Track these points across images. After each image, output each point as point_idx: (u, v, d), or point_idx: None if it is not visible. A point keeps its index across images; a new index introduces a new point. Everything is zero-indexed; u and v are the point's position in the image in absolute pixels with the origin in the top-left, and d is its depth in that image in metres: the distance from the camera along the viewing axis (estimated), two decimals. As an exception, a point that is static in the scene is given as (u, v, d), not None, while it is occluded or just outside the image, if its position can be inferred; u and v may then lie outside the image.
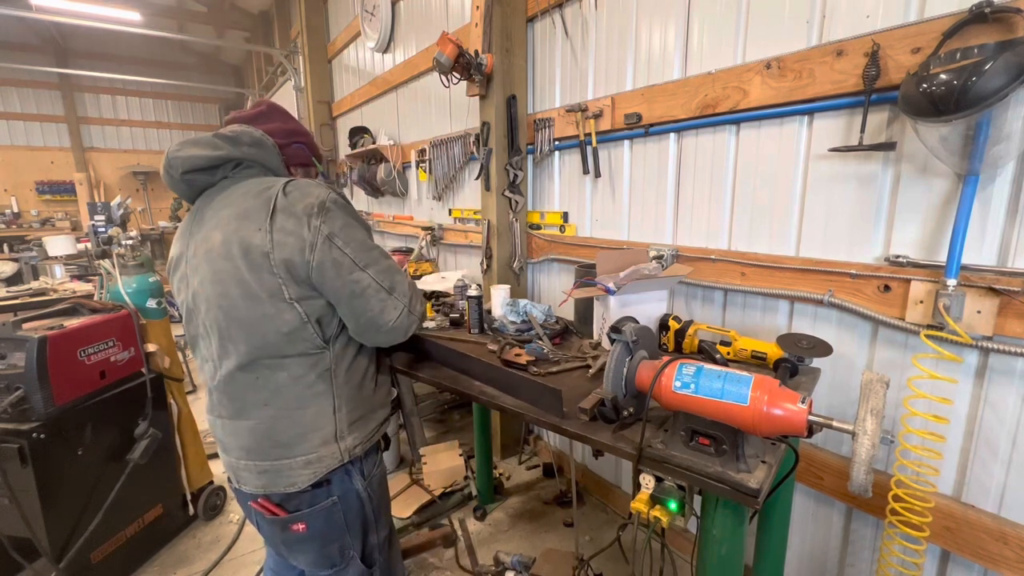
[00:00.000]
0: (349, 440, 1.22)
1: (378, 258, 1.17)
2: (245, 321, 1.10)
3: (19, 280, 5.88)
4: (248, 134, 1.19)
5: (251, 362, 1.12)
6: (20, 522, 1.81)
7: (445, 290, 2.89)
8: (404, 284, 1.21)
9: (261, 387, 1.14)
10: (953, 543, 1.42)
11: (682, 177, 2.06)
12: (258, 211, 1.09)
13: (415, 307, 1.24)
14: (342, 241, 1.11)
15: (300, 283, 1.10)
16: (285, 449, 1.16)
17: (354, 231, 1.14)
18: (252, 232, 1.07)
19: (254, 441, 1.17)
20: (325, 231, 1.09)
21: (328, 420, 1.19)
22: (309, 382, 1.16)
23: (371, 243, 1.18)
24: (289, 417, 1.16)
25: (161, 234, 8.74)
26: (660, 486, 1.07)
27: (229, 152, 1.16)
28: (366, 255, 1.14)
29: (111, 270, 2.41)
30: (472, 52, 2.58)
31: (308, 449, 1.17)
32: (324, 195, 1.12)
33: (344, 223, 1.13)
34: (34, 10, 5.58)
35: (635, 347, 1.19)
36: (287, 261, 1.07)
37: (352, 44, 5.19)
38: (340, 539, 1.25)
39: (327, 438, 1.19)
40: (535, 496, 2.82)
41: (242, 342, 1.11)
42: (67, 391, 1.95)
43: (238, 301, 1.09)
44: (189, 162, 1.14)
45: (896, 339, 1.52)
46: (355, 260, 1.12)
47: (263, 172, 1.22)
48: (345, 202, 1.17)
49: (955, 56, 1.16)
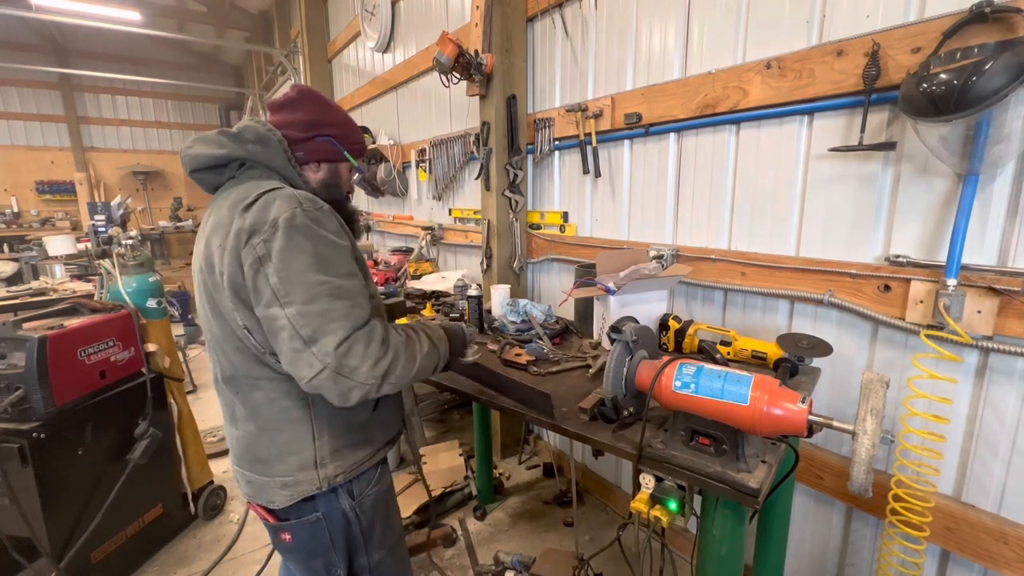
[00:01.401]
0: (330, 468, 1.13)
1: (317, 296, 0.93)
2: (218, 337, 1.08)
3: (19, 280, 5.87)
4: (253, 130, 1.10)
5: (231, 376, 1.10)
6: (20, 522, 1.81)
7: (445, 290, 2.89)
8: (336, 336, 0.92)
9: (242, 402, 1.11)
10: (953, 543, 1.42)
11: (682, 177, 2.06)
12: (225, 225, 1.01)
13: (357, 369, 0.93)
14: (273, 267, 0.94)
15: (250, 309, 1.00)
16: (265, 466, 1.13)
17: (295, 257, 0.94)
18: (215, 248, 1.01)
19: (241, 450, 1.16)
20: (260, 252, 0.94)
21: (306, 445, 1.11)
22: (284, 407, 1.09)
23: (316, 277, 0.95)
24: (268, 436, 1.11)
25: (161, 234, 8.74)
26: (660, 486, 1.08)
27: (231, 151, 1.09)
28: (295, 289, 0.93)
29: (111, 270, 2.41)
30: (472, 52, 2.58)
31: (285, 471, 1.11)
32: (284, 212, 0.96)
33: (286, 246, 0.94)
34: (34, 10, 5.57)
35: (635, 347, 1.19)
36: (233, 284, 0.99)
37: (352, 44, 5.19)
38: (325, 555, 1.19)
39: (304, 464, 1.11)
40: (535, 496, 2.82)
41: (221, 356, 1.10)
42: (67, 391, 1.95)
43: (210, 317, 1.07)
44: (195, 161, 1.10)
45: (896, 339, 1.52)
46: (276, 292, 0.93)
47: (266, 172, 1.12)
48: (310, 223, 0.98)
49: (955, 56, 1.16)
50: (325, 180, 1.23)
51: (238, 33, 8.67)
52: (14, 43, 8.44)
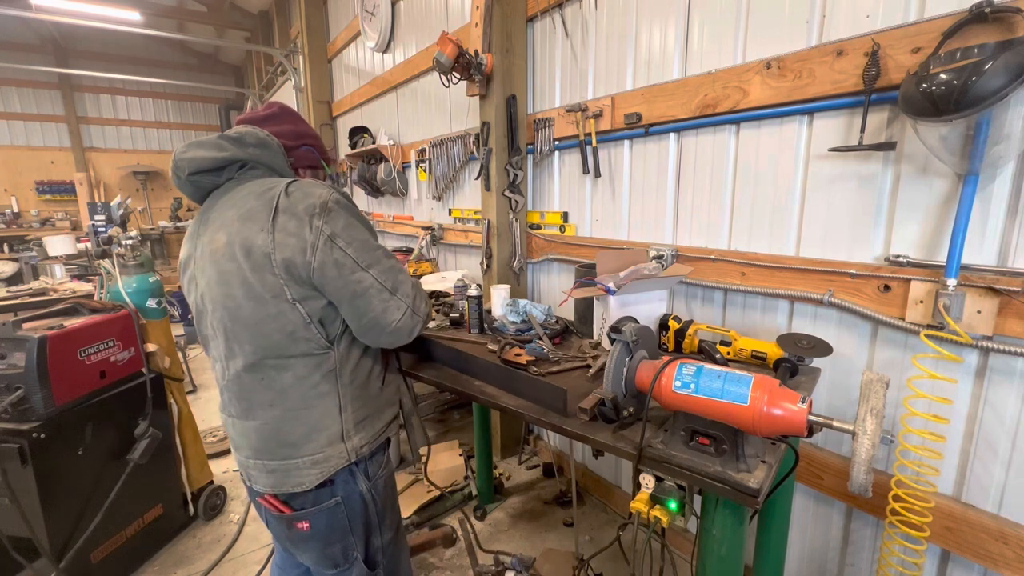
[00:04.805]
0: (356, 440, 1.22)
1: (381, 258, 1.15)
2: (250, 322, 1.10)
3: (19, 280, 5.87)
4: (253, 135, 1.19)
5: (256, 363, 1.13)
6: (20, 522, 1.81)
7: (445, 290, 2.89)
8: (407, 284, 1.19)
9: (266, 388, 1.14)
10: (953, 543, 1.42)
11: (682, 177, 2.06)
12: (261, 212, 1.08)
13: (419, 308, 1.21)
14: (344, 241, 1.09)
15: (302, 283, 1.09)
16: (292, 449, 1.17)
17: (356, 231, 1.13)
18: (255, 233, 1.07)
19: (262, 441, 1.18)
20: (327, 231, 1.08)
21: (334, 420, 1.18)
22: (314, 382, 1.16)
23: (374, 243, 1.17)
24: (295, 418, 1.16)
25: (161, 234, 8.74)
26: (660, 486, 1.07)
27: (233, 153, 1.15)
28: (368, 255, 1.13)
29: (111, 270, 2.41)
30: (472, 52, 2.58)
31: (315, 449, 1.17)
32: (327, 195, 1.11)
33: (346, 223, 1.11)
34: (34, 10, 5.58)
35: (635, 347, 1.19)
36: (288, 261, 1.06)
37: (352, 44, 5.19)
38: (343, 540, 1.24)
39: (333, 438, 1.18)
40: (535, 496, 2.82)
41: (247, 343, 1.12)
42: (67, 391, 1.95)
43: (242, 302, 1.09)
44: (195, 163, 1.15)
45: (896, 339, 1.52)
46: (357, 260, 1.11)
47: (268, 173, 1.21)
48: (348, 202, 1.16)
49: (955, 56, 1.16)
50: None
51: (238, 33, 8.67)
52: (14, 43, 8.44)
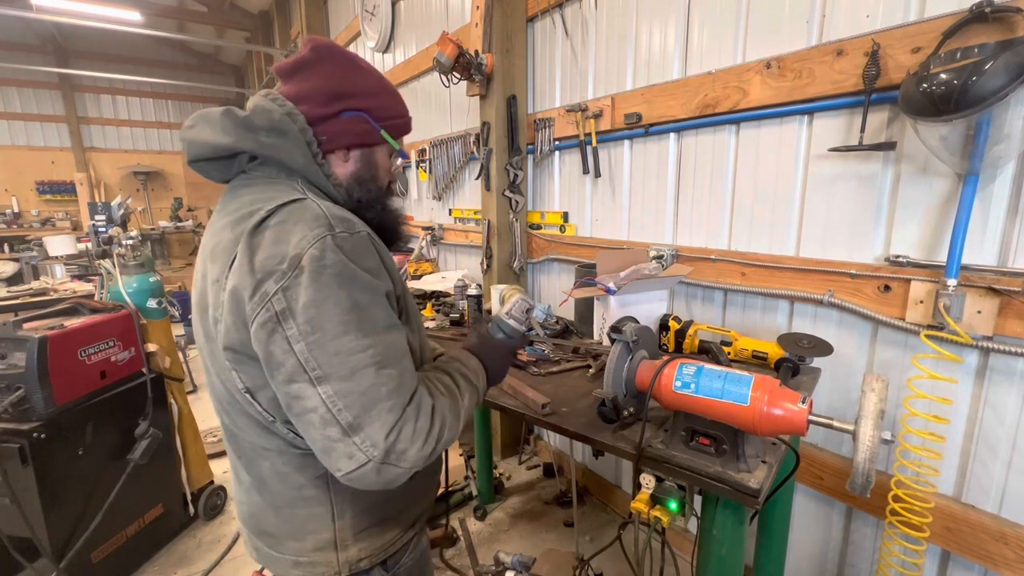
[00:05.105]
0: (353, 552, 0.92)
1: (354, 368, 0.70)
2: (217, 391, 0.87)
3: (19, 280, 5.87)
4: (266, 114, 0.82)
5: (232, 435, 0.91)
6: (21, 522, 1.81)
7: (445, 290, 2.89)
8: (385, 421, 0.71)
9: (246, 466, 0.92)
10: (953, 543, 1.42)
11: (682, 177, 2.06)
12: (224, 253, 0.77)
13: (406, 452, 0.72)
14: (297, 328, 0.70)
15: (254, 372, 0.77)
16: (274, 541, 0.94)
17: (327, 314, 0.70)
18: (211, 283, 0.79)
19: (246, 515, 0.98)
20: (278, 306, 0.70)
21: (323, 526, 0.90)
22: (297, 484, 0.88)
23: (356, 339, 0.71)
24: (277, 513, 0.91)
25: (162, 234, 8.73)
26: (660, 486, 1.07)
27: (237, 141, 0.81)
28: (328, 359, 0.70)
29: (111, 270, 2.41)
30: (472, 52, 2.58)
31: (298, 551, 0.91)
32: (309, 245, 0.71)
33: (315, 298, 0.70)
34: (34, 10, 5.57)
35: (635, 347, 1.19)
36: (230, 341, 0.76)
37: (352, 44, 5.18)
38: None
39: (322, 545, 0.91)
40: (535, 496, 2.82)
41: (221, 411, 0.90)
42: (67, 391, 1.95)
43: (208, 363, 0.86)
44: (195, 148, 0.84)
45: (896, 339, 1.52)
46: (304, 363, 0.70)
47: (282, 172, 0.86)
48: (345, 259, 0.73)
49: (955, 56, 1.16)
50: (358, 174, 0.92)
51: (238, 33, 8.66)
52: (14, 43, 8.44)
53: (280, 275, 0.71)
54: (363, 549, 0.93)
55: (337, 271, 0.72)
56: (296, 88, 0.86)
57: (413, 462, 0.74)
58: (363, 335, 0.72)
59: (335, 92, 0.86)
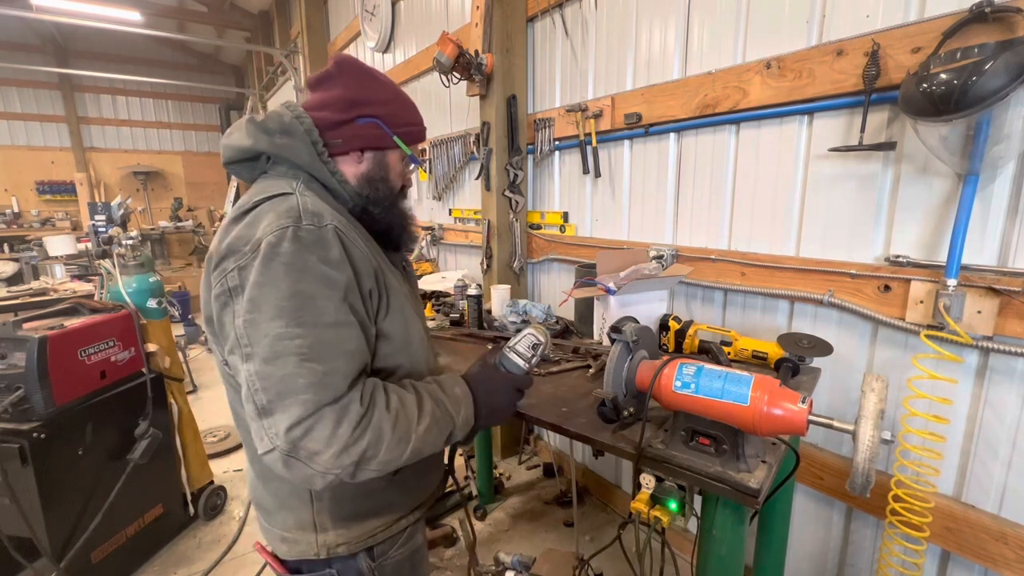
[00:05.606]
0: (331, 536, 0.95)
1: (277, 353, 0.73)
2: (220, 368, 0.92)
3: (19, 280, 5.87)
4: (277, 119, 0.92)
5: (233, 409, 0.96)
6: (21, 522, 1.81)
7: (445, 290, 2.89)
8: (291, 413, 0.71)
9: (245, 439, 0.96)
10: (953, 543, 1.42)
11: (682, 177, 2.06)
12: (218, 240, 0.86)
13: (316, 457, 0.72)
14: (243, 304, 0.75)
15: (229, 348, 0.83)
16: (266, 514, 1.01)
17: (267, 295, 0.74)
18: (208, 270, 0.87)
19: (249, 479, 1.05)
20: (231, 281, 0.77)
21: (303, 505, 0.94)
22: None
23: (285, 325, 0.73)
24: (265, 485, 0.97)
25: (162, 234, 8.73)
26: (660, 486, 1.07)
27: (256, 143, 0.91)
28: (257, 338, 0.73)
29: (111, 270, 2.41)
30: (472, 52, 2.58)
31: (283, 525, 0.97)
32: (271, 232, 0.77)
33: (260, 280, 0.74)
34: (34, 10, 5.57)
35: (635, 347, 1.18)
36: (207, 311, 0.85)
37: (352, 44, 5.19)
38: None
39: (302, 523, 0.95)
40: (535, 496, 2.82)
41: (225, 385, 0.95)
42: (67, 391, 1.95)
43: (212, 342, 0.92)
44: (227, 152, 0.95)
45: (896, 339, 1.52)
46: (239, 336, 0.75)
47: (291, 171, 0.93)
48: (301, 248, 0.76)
49: (955, 56, 1.16)
50: (369, 174, 0.98)
51: (238, 33, 8.66)
52: (14, 43, 8.43)
53: (241, 255, 0.77)
54: (341, 535, 0.96)
55: (287, 260, 0.76)
56: (320, 97, 0.96)
57: (327, 467, 0.73)
58: (296, 324, 0.74)
59: (352, 100, 0.95)
